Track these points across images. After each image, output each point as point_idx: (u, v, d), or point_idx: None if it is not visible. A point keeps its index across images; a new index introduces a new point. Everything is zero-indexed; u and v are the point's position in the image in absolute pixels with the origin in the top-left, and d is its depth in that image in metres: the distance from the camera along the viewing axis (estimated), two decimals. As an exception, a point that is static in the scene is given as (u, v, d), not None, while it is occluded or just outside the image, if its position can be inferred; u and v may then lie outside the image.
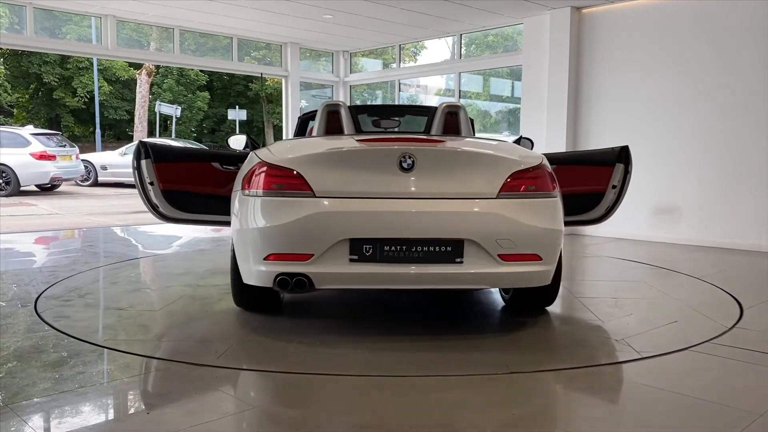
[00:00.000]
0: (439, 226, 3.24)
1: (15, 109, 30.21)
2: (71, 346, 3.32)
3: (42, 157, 13.89)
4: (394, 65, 11.71)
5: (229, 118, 29.02)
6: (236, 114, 26.38)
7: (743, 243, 6.88)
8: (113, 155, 17.57)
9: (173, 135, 26.69)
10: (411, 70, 12.03)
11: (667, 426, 2.49)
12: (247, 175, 3.46)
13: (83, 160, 16.15)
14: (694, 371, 3.12)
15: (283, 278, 3.25)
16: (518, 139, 4.84)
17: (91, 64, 27.12)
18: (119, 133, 31.43)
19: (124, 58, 17.03)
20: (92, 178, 17.12)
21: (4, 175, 13.63)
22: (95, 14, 9.46)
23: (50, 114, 29.82)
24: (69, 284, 4.82)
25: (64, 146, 14.97)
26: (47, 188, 14.76)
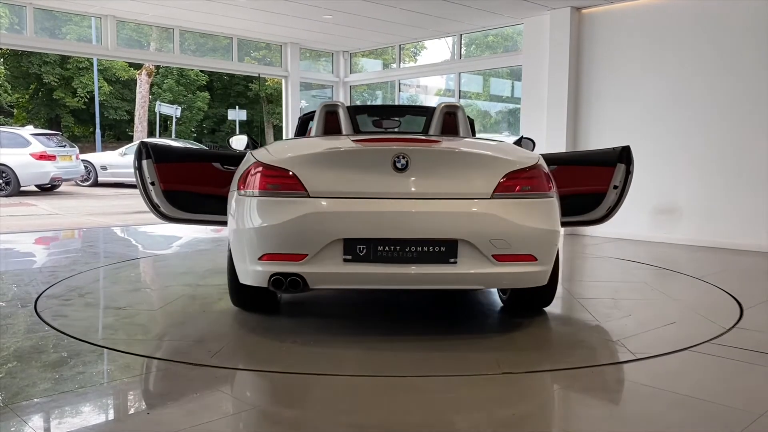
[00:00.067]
0: (432, 227, 3.23)
1: (15, 110, 30.22)
2: (71, 346, 3.32)
3: (42, 157, 13.89)
4: (394, 65, 11.72)
5: (229, 118, 29.03)
6: (236, 114, 26.40)
7: (744, 243, 6.89)
8: (113, 155, 17.58)
9: (173, 135, 26.70)
10: (411, 70, 12.03)
11: (666, 426, 2.49)
12: (243, 175, 3.47)
13: (83, 160, 16.16)
14: (694, 371, 3.12)
15: (278, 278, 3.25)
16: (519, 139, 4.83)
17: (91, 64, 27.14)
18: (119, 134, 31.45)
19: (124, 58, 17.06)
20: (92, 179, 17.14)
21: (4, 175, 13.64)
22: (95, 14, 9.46)
23: (50, 114, 29.83)
24: (69, 284, 4.82)
25: (64, 146, 14.98)
26: (47, 188, 14.77)
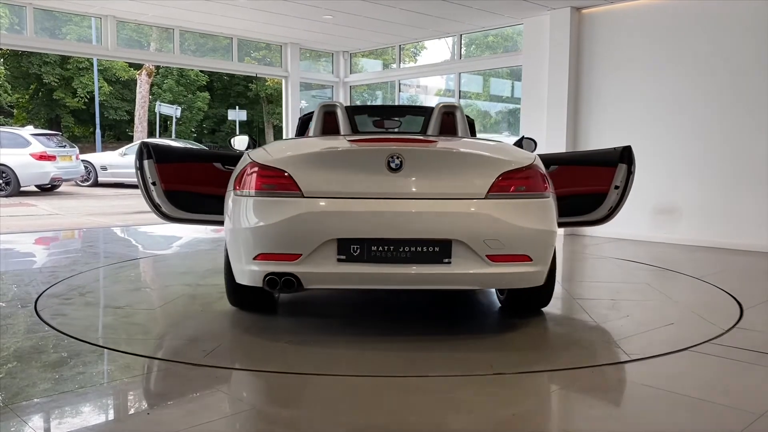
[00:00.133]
0: (426, 227, 3.23)
1: (15, 110, 30.22)
2: (71, 346, 3.32)
3: (42, 157, 13.89)
4: (394, 66, 11.72)
5: (229, 118, 29.03)
6: (236, 114, 26.39)
7: (743, 243, 6.89)
8: (113, 155, 17.57)
9: (173, 135, 26.71)
10: (411, 70, 12.03)
11: (666, 426, 2.49)
12: (239, 176, 3.47)
13: (83, 160, 16.16)
14: (694, 371, 3.11)
15: (272, 278, 3.26)
16: (520, 139, 4.82)
17: (91, 64, 27.14)
18: (119, 134, 31.45)
19: (124, 58, 17.06)
20: (92, 179, 17.14)
21: (4, 175, 13.64)
22: (95, 15, 9.46)
23: (50, 114, 29.83)
24: (69, 284, 4.82)
25: (64, 147, 14.97)
26: (47, 189, 14.77)
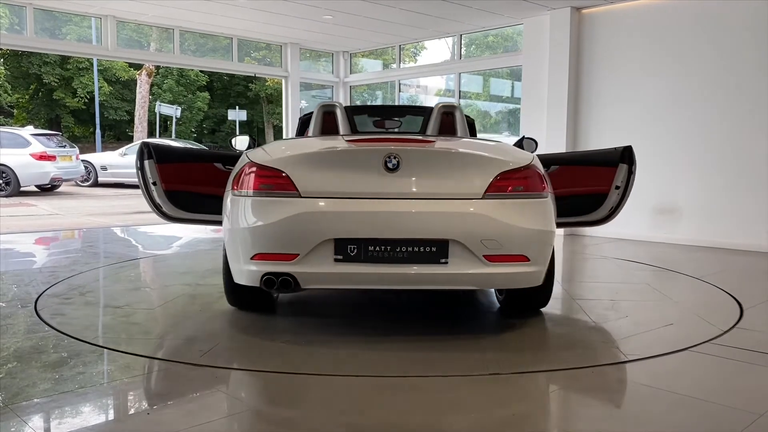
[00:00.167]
0: (423, 227, 3.23)
1: (15, 110, 30.23)
2: (71, 346, 3.32)
3: (42, 157, 13.89)
4: (394, 66, 11.72)
5: (229, 118, 29.02)
6: (236, 114, 26.38)
7: (743, 243, 6.89)
8: (113, 156, 17.57)
9: (173, 135, 26.71)
10: (411, 70, 12.03)
11: (666, 426, 2.48)
12: (237, 175, 3.47)
13: (83, 160, 16.16)
14: (694, 371, 3.11)
15: (269, 278, 3.26)
16: (521, 139, 4.81)
17: (91, 64, 27.14)
18: (119, 134, 31.45)
19: (124, 58, 17.06)
20: (92, 179, 17.14)
21: (4, 175, 13.64)
22: (95, 15, 9.46)
23: (50, 114, 29.83)
24: (69, 284, 4.82)
25: (64, 147, 14.97)
26: (47, 189, 14.76)
